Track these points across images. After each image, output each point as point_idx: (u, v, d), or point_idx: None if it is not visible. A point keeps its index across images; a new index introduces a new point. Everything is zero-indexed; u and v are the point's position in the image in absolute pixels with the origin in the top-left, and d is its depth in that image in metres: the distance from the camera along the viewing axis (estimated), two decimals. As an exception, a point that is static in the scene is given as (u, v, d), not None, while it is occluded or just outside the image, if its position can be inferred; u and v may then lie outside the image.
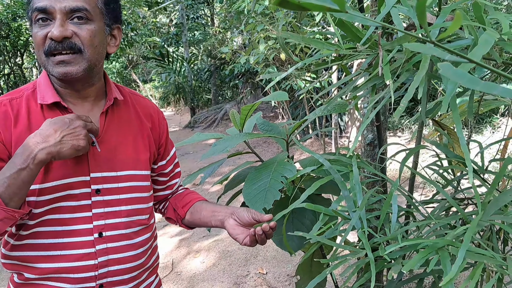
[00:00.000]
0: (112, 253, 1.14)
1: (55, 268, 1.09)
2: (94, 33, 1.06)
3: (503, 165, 1.07)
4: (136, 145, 1.22)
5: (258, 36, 5.71)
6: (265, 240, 1.13)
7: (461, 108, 2.02)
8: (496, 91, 0.47)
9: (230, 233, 1.17)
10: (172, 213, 1.38)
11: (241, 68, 8.36)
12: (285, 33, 1.16)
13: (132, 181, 1.18)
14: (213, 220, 1.24)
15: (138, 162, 1.21)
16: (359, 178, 1.13)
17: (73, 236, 1.10)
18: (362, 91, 1.13)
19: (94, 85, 1.15)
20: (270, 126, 1.65)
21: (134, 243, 1.19)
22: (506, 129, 3.23)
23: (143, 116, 1.28)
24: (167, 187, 1.41)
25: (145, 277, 1.26)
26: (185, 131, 11.11)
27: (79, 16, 1.03)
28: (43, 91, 1.10)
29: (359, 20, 0.57)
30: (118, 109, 1.21)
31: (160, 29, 16.42)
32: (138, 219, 1.21)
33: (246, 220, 1.15)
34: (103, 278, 1.13)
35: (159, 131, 1.32)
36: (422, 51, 0.45)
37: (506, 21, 0.87)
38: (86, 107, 1.15)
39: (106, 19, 1.10)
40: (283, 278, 3.33)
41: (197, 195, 1.39)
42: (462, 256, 0.79)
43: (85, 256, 1.10)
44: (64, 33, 1.01)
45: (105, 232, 1.13)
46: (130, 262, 1.18)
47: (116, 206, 1.15)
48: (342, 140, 7.58)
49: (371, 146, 1.77)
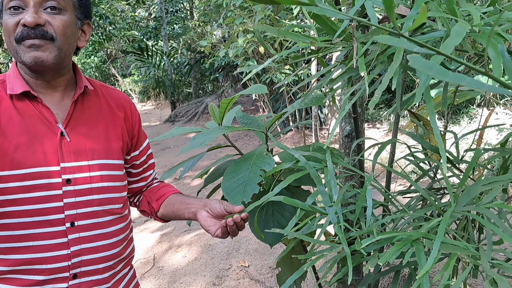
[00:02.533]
0: (85, 243, 1.13)
1: (27, 259, 1.08)
2: (67, 24, 1.07)
3: (473, 156, 1.09)
4: (107, 134, 1.21)
5: (237, 30, 5.69)
6: (237, 231, 1.15)
7: (438, 99, 2.05)
8: (464, 82, 0.48)
9: (202, 224, 1.18)
10: (146, 206, 1.38)
11: (221, 62, 8.33)
12: (262, 26, 1.16)
13: (104, 170, 1.17)
14: (186, 212, 1.25)
15: (110, 151, 1.20)
16: (334, 173, 1.14)
17: (44, 227, 1.08)
18: (338, 83, 1.14)
19: (63, 75, 1.15)
20: (249, 119, 1.65)
21: (107, 232, 1.18)
22: (481, 119, 3.29)
23: (115, 106, 1.27)
24: (141, 179, 1.40)
25: (120, 268, 1.26)
26: (165, 126, 11.04)
27: (52, 6, 1.04)
28: (12, 82, 1.10)
29: (330, 13, 0.58)
30: (88, 99, 1.21)
31: (139, 23, 16.23)
32: (111, 208, 1.20)
33: (218, 212, 1.17)
34: (76, 267, 1.12)
35: (131, 121, 1.31)
36: (392, 44, 0.45)
37: (477, 13, 0.88)
38: (56, 96, 1.15)
39: (78, 13, 1.12)
40: (265, 270, 3.35)
41: (172, 188, 1.39)
42: (436, 248, 0.81)
43: (58, 246, 1.09)
44: (37, 20, 1.01)
45: (77, 222, 1.12)
46: (104, 251, 1.17)
47: (88, 195, 1.14)
48: (323, 132, 7.62)
49: (349, 137, 1.79)
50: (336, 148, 1.48)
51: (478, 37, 0.87)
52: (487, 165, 1.37)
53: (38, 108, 1.10)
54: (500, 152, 1.26)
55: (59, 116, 1.13)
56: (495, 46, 0.73)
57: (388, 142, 1.29)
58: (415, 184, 1.17)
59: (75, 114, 1.16)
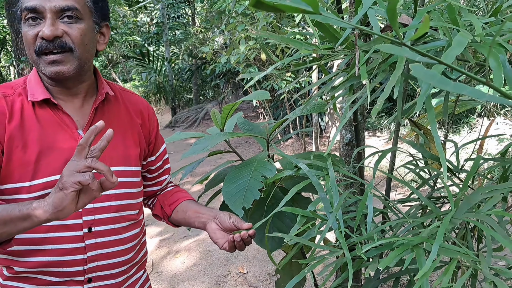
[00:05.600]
0: (101, 248, 1.15)
1: (44, 262, 1.10)
2: (85, 32, 1.08)
3: (473, 165, 1.09)
4: (126, 141, 1.22)
5: (239, 36, 5.71)
6: (244, 246, 1.16)
7: (438, 109, 2.06)
8: (465, 91, 0.49)
9: (211, 236, 1.19)
10: (159, 211, 1.39)
11: (222, 68, 8.34)
12: (264, 33, 1.17)
13: (122, 177, 1.19)
14: (197, 221, 1.25)
15: (128, 158, 1.22)
16: (335, 180, 1.14)
17: (63, 231, 1.10)
18: (340, 91, 1.14)
19: (84, 82, 1.16)
20: (251, 126, 1.66)
21: (123, 238, 1.20)
22: (482, 129, 3.29)
23: (133, 112, 1.28)
24: (156, 183, 1.41)
25: (134, 272, 1.28)
26: (166, 131, 11.04)
27: (69, 15, 1.04)
28: (33, 88, 1.10)
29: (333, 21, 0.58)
30: (108, 105, 1.22)
31: (141, 28, 16.27)
32: (127, 214, 1.22)
33: (227, 225, 1.17)
34: (92, 272, 1.14)
35: (149, 128, 1.32)
36: (394, 53, 0.46)
37: (478, 23, 0.89)
38: (77, 103, 1.16)
39: (95, 17, 1.12)
40: (263, 277, 3.34)
41: (186, 193, 1.40)
42: (435, 251, 0.81)
43: (74, 250, 1.11)
44: (55, 33, 1.02)
45: (94, 227, 1.14)
46: (119, 257, 1.19)
47: (106, 201, 1.16)
48: (323, 140, 7.63)
49: (349, 145, 1.79)
50: (337, 155, 1.48)
51: (479, 47, 0.88)
52: (487, 175, 1.37)
53: (59, 115, 1.11)
54: (500, 162, 1.26)
55: (79, 123, 1.14)
56: (496, 56, 0.74)
57: (388, 150, 1.29)
58: (415, 190, 1.17)
59: (96, 121, 1.15)
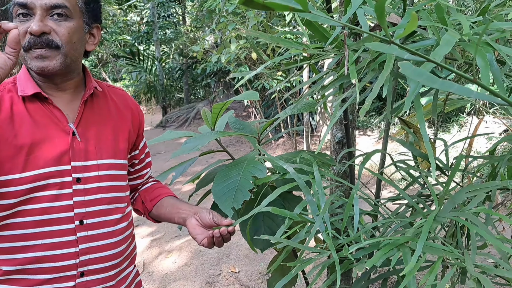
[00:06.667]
0: (93, 241, 1.15)
1: (35, 258, 1.10)
2: (73, 31, 1.09)
3: (456, 164, 1.11)
4: (116, 134, 1.24)
5: (229, 35, 5.71)
6: (222, 243, 1.18)
7: (428, 107, 2.08)
8: (453, 89, 0.49)
9: (190, 232, 1.21)
10: (140, 205, 1.41)
11: (213, 67, 8.33)
12: (254, 32, 1.17)
13: (112, 170, 1.20)
14: (177, 217, 1.28)
15: (118, 151, 1.23)
16: (321, 183, 1.15)
17: (54, 225, 1.10)
18: (330, 90, 1.15)
19: (72, 79, 1.17)
20: (241, 125, 1.66)
21: (114, 231, 1.21)
22: (471, 128, 3.32)
23: (122, 107, 1.30)
24: (138, 176, 1.43)
25: (125, 266, 1.28)
26: (156, 131, 11.00)
27: (58, 13, 1.06)
28: (23, 84, 1.11)
29: (323, 20, 0.59)
30: (97, 100, 1.23)
31: (131, 27, 16.19)
32: (118, 207, 1.23)
33: (207, 221, 1.19)
34: (84, 265, 1.14)
35: (138, 122, 1.35)
36: (383, 50, 0.46)
37: (466, 22, 0.90)
38: (66, 98, 1.17)
39: (85, 18, 1.13)
40: (255, 276, 3.34)
41: (167, 189, 1.42)
42: (420, 248, 0.82)
43: (66, 243, 1.11)
44: (42, 28, 1.03)
45: (86, 220, 1.14)
46: (111, 250, 1.19)
47: (97, 194, 1.17)
48: (314, 139, 7.65)
49: (340, 144, 1.80)
50: (327, 154, 1.49)
51: (467, 46, 0.89)
52: (476, 173, 1.38)
53: (49, 109, 1.12)
54: (489, 160, 1.28)
55: (70, 117, 1.15)
56: (483, 55, 0.75)
57: (373, 152, 1.30)
58: (401, 191, 1.18)
59: (85, 115, 1.18)
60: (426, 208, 1.29)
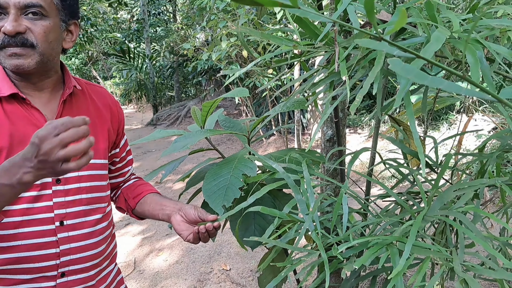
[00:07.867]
0: (73, 242, 1.14)
1: (14, 258, 1.08)
2: (49, 29, 1.06)
3: (445, 160, 1.11)
4: (95, 134, 1.21)
5: (220, 33, 5.69)
6: (208, 238, 1.17)
7: (418, 105, 2.08)
8: (442, 85, 0.49)
9: (175, 228, 1.20)
10: (123, 203, 1.40)
11: (204, 65, 8.31)
12: (245, 29, 1.17)
13: (92, 170, 1.19)
14: (161, 213, 1.27)
15: (98, 151, 1.22)
16: (310, 182, 1.15)
17: (34, 226, 1.09)
18: (320, 87, 1.14)
19: (50, 77, 1.14)
20: (232, 123, 1.65)
21: (94, 231, 1.20)
22: (460, 126, 3.34)
23: (102, 106, 1.28)
24: (119, 174, 1.41)
25: (106, 265, 1.27)
26: (147, 129, 10.96)
27: (33, 11, 1.02)
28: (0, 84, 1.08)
29: (312, 16, 0.58)
30: (76, 99, 1.21)
31: (121, 25, 16.11)
32: (98, 207, 1.22)
33: (192, 218, 1.18)
34: (65, 266, 1.13)
35: (118, 121, 1.33)
36: (373, 47, 0.46)
37: (456, 20, 0.90)
38: (44, 98, 1.14)
39: (62, 15, 1.10)
40: (246, 274, 3.34)
41: (149, 186, 1.41)
42: (408, 250, 0.82)
43: (47, 244, 1.10)
44: (17, 28, 1.00)
45: (66, 221, 1.13)
46: (91, 250, 1.18)
47: (77, 194, 1.15)
48: (305, 136, 7.66)
49: (330, 142, 1.80)
50: (318, 152, 1.49)
51: (457, 43, 0.89)
52: (465, 170, 1.39)
53: (27, 110, 1.10)
54: (478, 157, 1.28)
55: (48, 117, 1.13)
56: (473, 52, 0.75)
57: (362, 150, 1.30)
58: (389, 191, 1.18)
59: (64, 115, 1.15)
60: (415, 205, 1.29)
